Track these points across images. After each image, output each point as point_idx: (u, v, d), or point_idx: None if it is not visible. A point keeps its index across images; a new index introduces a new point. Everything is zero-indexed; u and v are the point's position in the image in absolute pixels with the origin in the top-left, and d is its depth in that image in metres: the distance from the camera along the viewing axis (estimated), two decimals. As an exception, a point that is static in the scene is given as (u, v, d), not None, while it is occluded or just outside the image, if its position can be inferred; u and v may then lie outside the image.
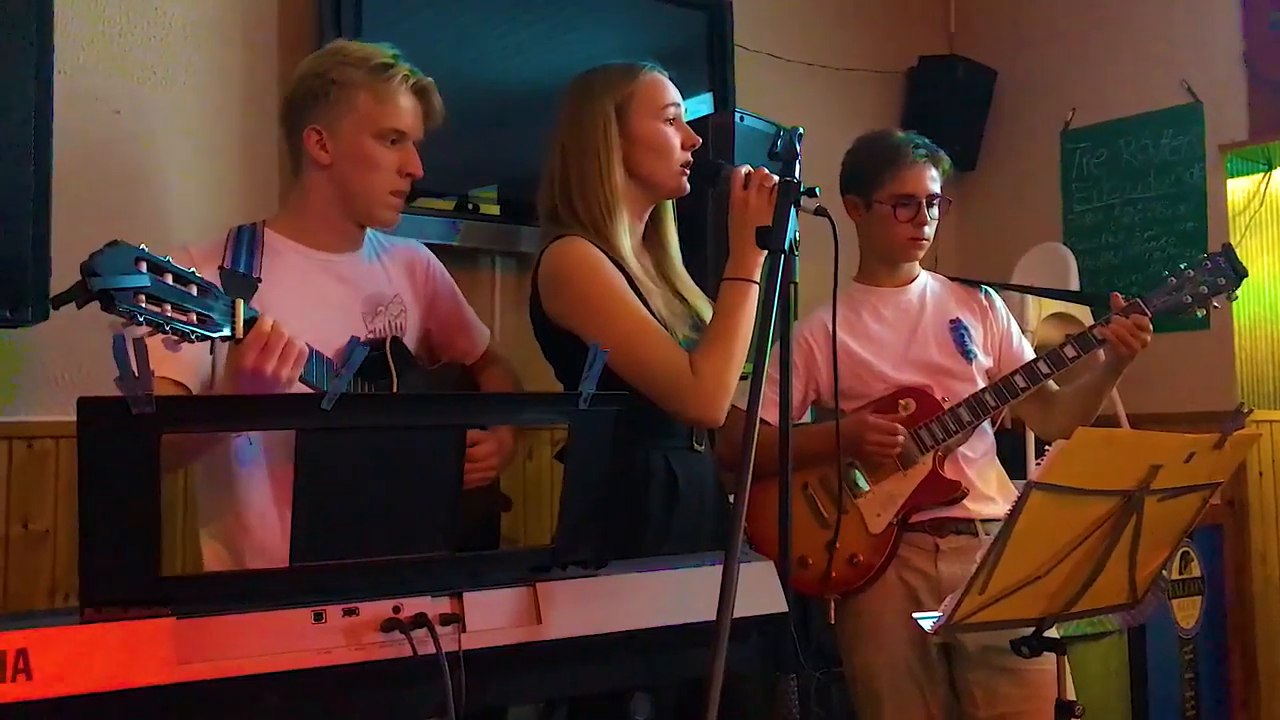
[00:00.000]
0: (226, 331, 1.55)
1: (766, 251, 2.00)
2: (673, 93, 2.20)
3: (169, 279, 1.46)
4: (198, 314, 1.49)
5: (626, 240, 2.13)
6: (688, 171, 2.18)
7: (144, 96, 2.51)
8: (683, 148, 2.17)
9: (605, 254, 2.08)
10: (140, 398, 1.19)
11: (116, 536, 1.25)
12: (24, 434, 2.31)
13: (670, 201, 2.27)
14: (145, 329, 1.41)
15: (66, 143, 2.14)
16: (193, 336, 1.49)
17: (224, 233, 1.92)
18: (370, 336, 1.93)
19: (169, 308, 1.45)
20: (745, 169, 2.06)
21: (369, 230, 2.06)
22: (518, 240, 3.00)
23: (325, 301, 1.92)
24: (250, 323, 1.58)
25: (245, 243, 1.89)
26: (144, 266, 1.42)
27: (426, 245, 2.83)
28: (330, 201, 1.96)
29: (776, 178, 1.98)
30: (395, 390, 1.91)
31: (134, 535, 1.25)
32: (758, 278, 2.04)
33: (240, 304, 1.57)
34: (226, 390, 1.64)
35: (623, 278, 2.08)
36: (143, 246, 1.44)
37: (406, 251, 2.16)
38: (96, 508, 1.23)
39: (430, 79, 2.00)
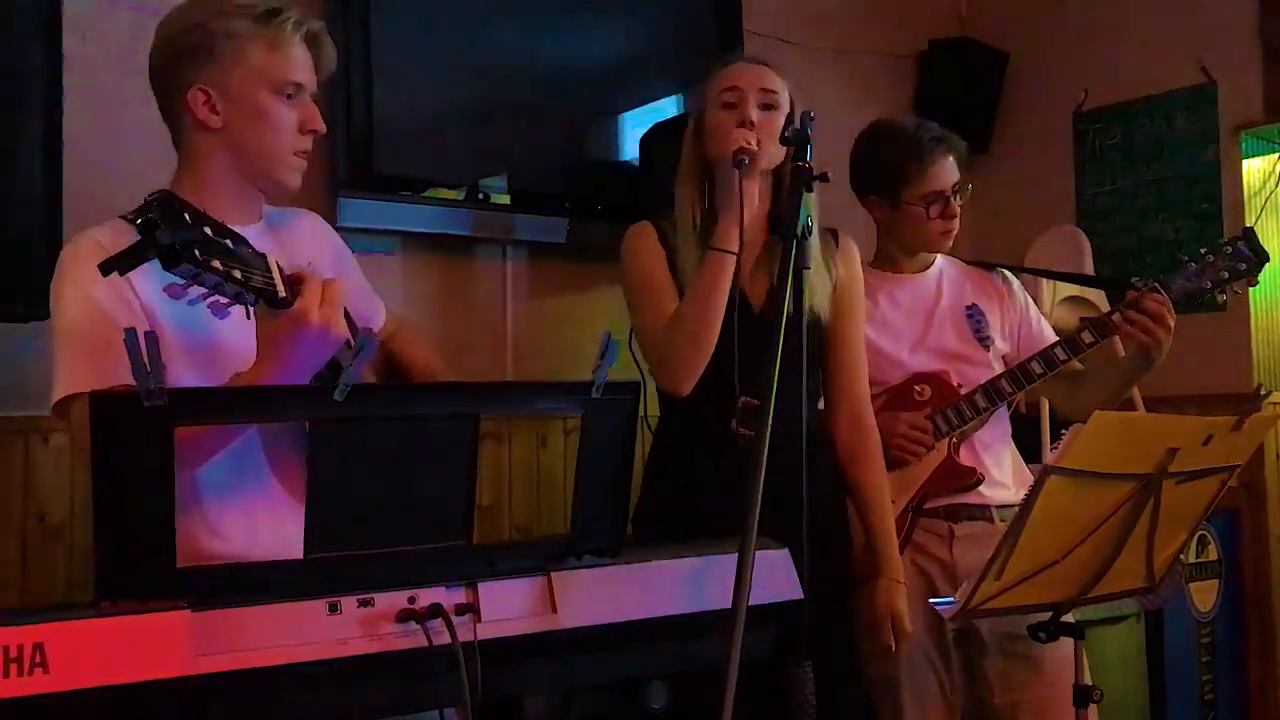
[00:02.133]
0: (280, 290, 1.41)
1: (739, 224, 2.05)
2: (733, 77, 2.19)
3: (208, 230, 1.31)
4: (242, 270, 1.35)
5: (689, 227, 2.19)
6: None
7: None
8: (738, 127, 2.13)
9: (666, 233, 2.20)
10: (152, 391, 1.19)
11: (131, 530, 1.25)
12: (39, 429, 2.32)
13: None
14: (201, 291, 1.31)
15: (76, 138, 2.14)
16: (244, 297, 1.36)
17: (108, 222, 1.72)
18: None
19: (218, 263, 1.31)
20: (737, 133, 2.08)
21: None
22: (528, 230, 2.99)
23: None
24: (295, 280, 1.45)
25: None
26: (188, 217, 1.28)
27: (436, 235, 2.85)
28: (227, 169, 1.76)
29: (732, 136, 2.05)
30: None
31: (149, 528, 1.25)
32: (731, 247, 2.07)
33: (274, 260, 1.44)
34: (270, 358, 1.48)
35: (663, 260, 2.19)
36: (173, 193, 1.29)
37: (304, 219, 1.98)
38: (111, 501, 1.23)
39: (321, 23, 1.80)
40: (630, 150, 3.14)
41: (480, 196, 2.96)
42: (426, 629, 1.33)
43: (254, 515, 1.69)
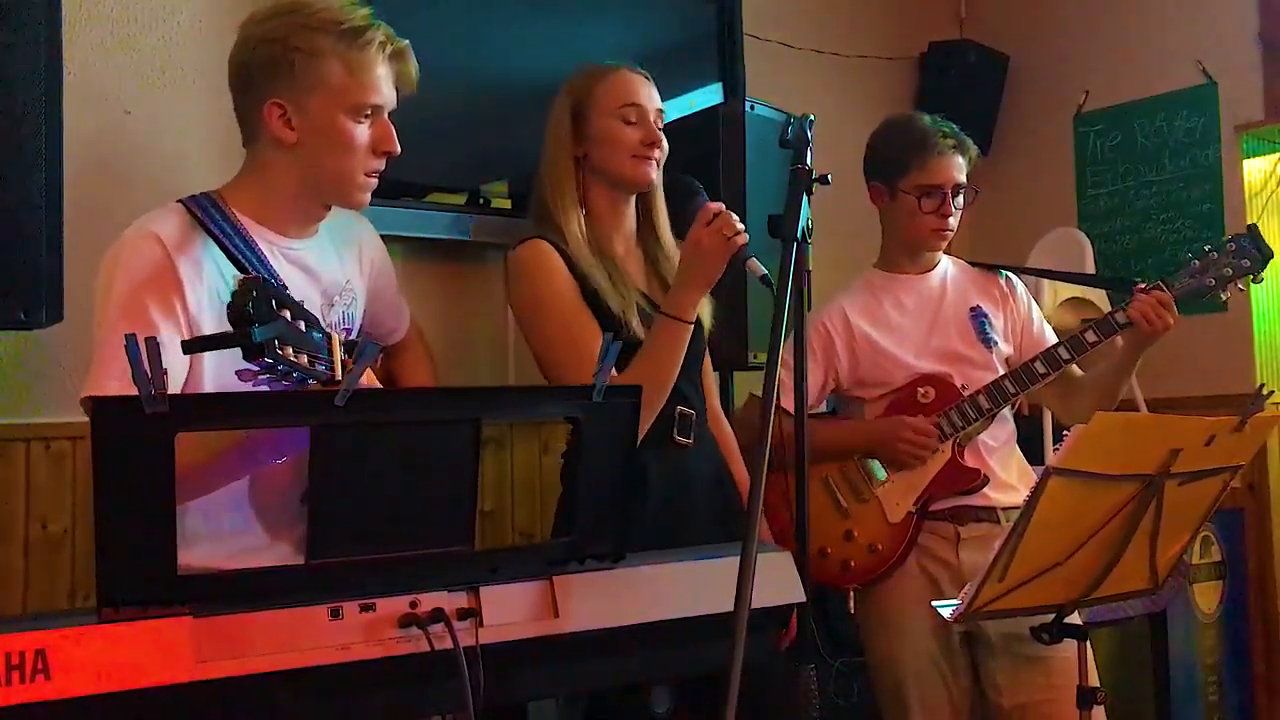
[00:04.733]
0: (338, 374, 1.43)
1: (713, 285, 2.02)
2: (635, 93, 2.20)
3: (288, 314, 1.33)
4: (309, 355, 1.38)
5: (579, 235, 2.15)
6: (648, 163, 2.18)
7: (154, 96, 2.50)
8: (641, 144, 2.16)
9: (562, 252, 2.12)
10: (153, 397, 1.19)
11: (133, 536, 1.25)
12: (41, 435, 2.32)
13: (659, 193, 2.27)
14: (268, 376, 1.32)
15: (77, 143, 2.14)
16: (308, 381, 1.38)
17: (171, 208, 1.69)
18: (329, 330, 1.69)
19: (291, 350, 1.33)
20: (715, 207, 2.02)
21: None
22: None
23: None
24: (344, 364, 1.46)
25: (228, 231, 1.68)
26: (274, 303, 1.30)
27: (438, 241, 2.85)
28: (295, 183, 1.75)
29: (741, 230, 1.98)
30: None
31: (150, 534, 1.25)
32: (691, 318, 2.04)
33: (337, 341, 1.46)
34: None
35: (569, 282, 2.11)
36: (273, 281, 1.33)
37: (351, 229, 1.95)
38: (113, 508, 1.23)
39: (406, 41, 1.77)
40: (631, 154, 3.14)
41: (481, 201, 2.96)
42: (429, 634, 1.33)
43: (226, 539, 1.69)
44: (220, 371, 1.61)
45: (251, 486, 1.73)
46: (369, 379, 1.70)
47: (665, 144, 2.21)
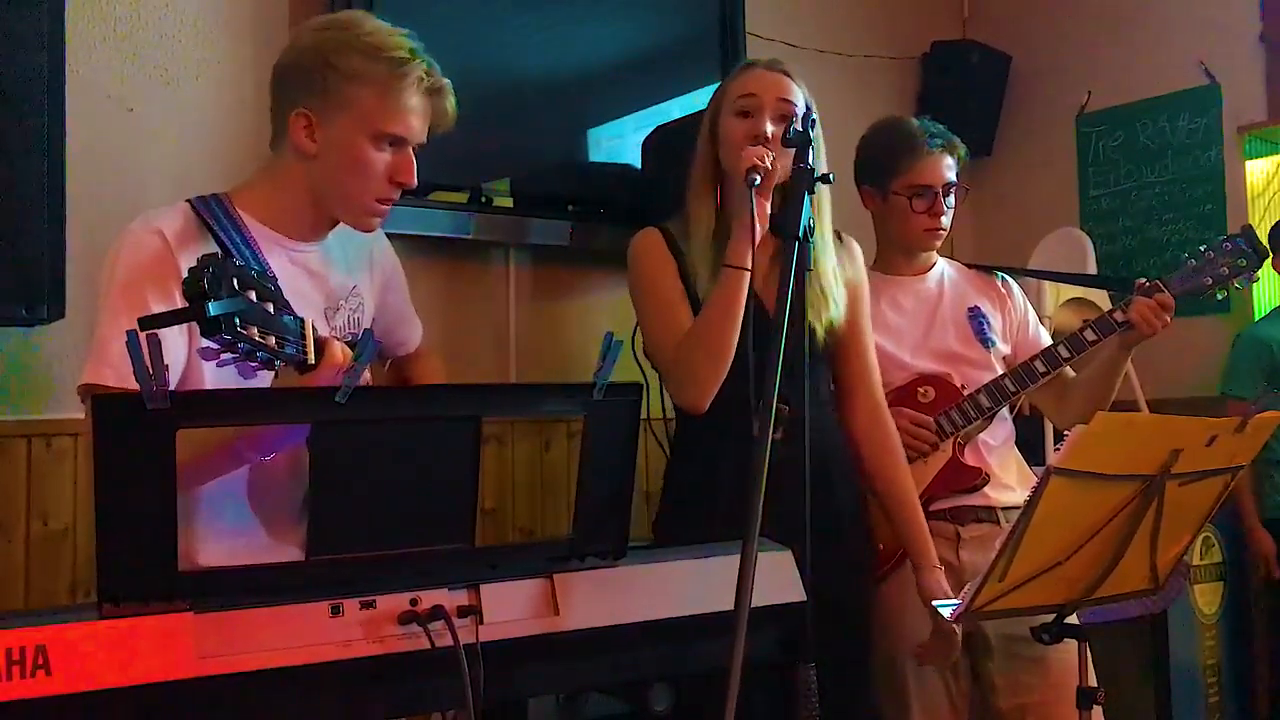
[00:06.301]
0: (310, 358, 1.44)
1: (756, 240, 2.01)
2: (749, 84, 2.16)
3: (253, 295, 1.33)
4: (276, 337, 1.37)
5: (701, 231, 2.18)
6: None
7: (157, 93, 2.51)
8: (746, 136, 2.12)
9: (675, 240, 2.19)
10: (155, 393, 1.19)
11: (134, 532, 1.25)
12: (42, 432, 2.32)
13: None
14: (233, 356, 1.32)
15: (79, 140, 2.14)
16: (274, 364, 1.38)
17: (177, 205, 1.71)
18: (333, 335, 1.69)
19: (256, 331, 1.33)
20: (755, 151, 2.02)
21: None
22: (532, 233, 2.99)
23: (293, 297, 1.61)
24: (320, 346, 1.46)
25: (229, 229, 1.69)
26: (236, 283, 1.30)
27: (439, 239, 2.85)
28: (308, 193, 1.76)
29: (763, 164, 1.99)
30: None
31: (151, 531, 1.25)
32: (745, 264, 2.04)
33: (310, 325, 1.46)
34: None
35: (672, 267, 2.17)
36: (234, 259, 1.33)
37: (365, 238, 1.95)
38: (113, 504, 1.23)
39: (446, 80, 1.79)
40: (633, 153, 3.14)
41: (483, 199, 2.96)
42: (429, 631, 1.33)
43: (227, 540, 1.69)
44: (221, 365, 1.61)
45: (251, 488, 1.73)
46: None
47: (769, 133, 2.11)
